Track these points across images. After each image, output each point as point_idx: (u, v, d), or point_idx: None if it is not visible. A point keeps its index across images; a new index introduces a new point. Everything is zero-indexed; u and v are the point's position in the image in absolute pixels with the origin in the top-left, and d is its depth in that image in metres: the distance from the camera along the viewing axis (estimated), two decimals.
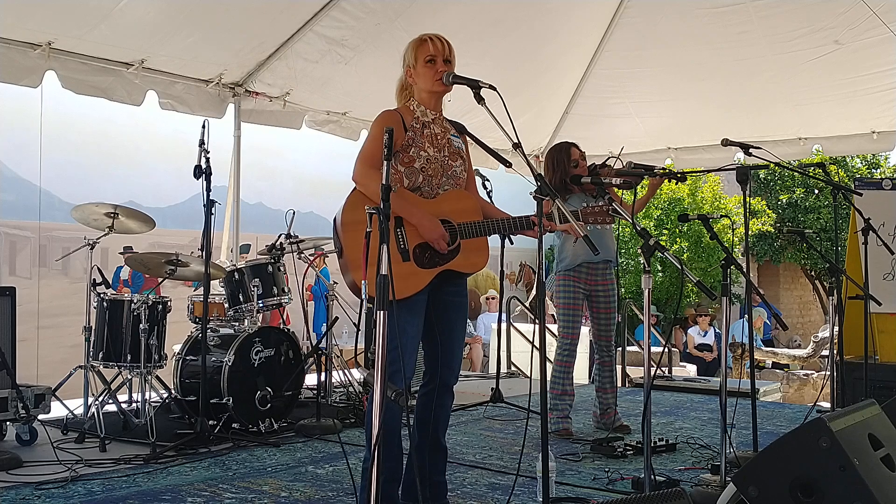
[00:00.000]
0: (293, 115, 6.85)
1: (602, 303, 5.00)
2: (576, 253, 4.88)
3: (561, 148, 5.01)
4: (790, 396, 9.91)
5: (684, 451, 4.54)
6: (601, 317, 5.03)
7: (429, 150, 3.08)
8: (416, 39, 3.14)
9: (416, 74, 3.11)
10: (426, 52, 3.08)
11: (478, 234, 3.08)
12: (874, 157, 15.72)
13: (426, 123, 3.13)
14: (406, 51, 3.15)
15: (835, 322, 5.05)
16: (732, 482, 2.66)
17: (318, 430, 4.79)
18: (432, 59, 3.08)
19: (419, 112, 3.14)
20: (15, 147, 7.30)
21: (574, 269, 4.92)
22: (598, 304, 5.01)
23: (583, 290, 4.96)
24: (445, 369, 3.13)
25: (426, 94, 3.14)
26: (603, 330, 5.05)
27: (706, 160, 8.18)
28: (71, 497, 3.47)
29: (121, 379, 4.98)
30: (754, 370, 4.64)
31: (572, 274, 4.92)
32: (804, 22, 6.51)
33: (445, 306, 3.11)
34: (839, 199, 4.87)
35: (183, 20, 5.55)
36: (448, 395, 3.19)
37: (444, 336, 3.11)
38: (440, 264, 3.02)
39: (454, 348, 3.18)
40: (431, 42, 3.10)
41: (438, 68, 3.07)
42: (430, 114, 3.15)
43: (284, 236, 5.53)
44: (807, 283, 18.10)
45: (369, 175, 2.93)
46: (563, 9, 6.91)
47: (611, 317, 5.03)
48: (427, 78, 3.09)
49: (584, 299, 4.99)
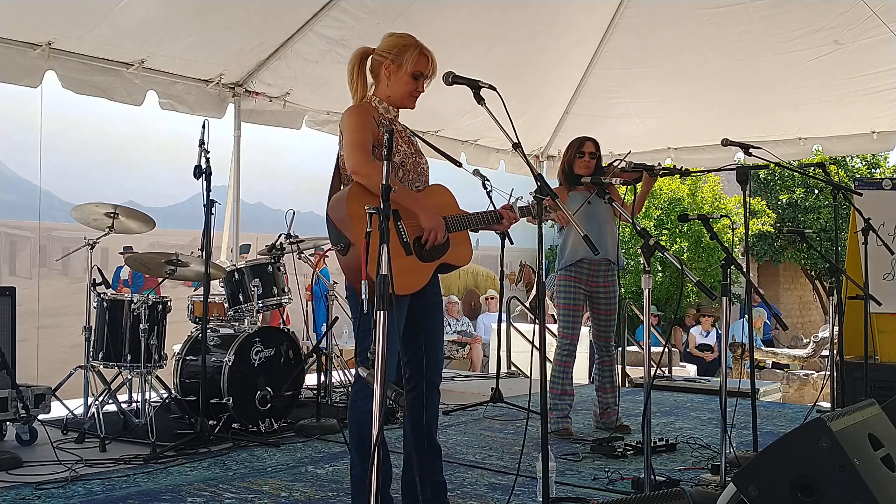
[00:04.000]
0: (293, 114, 6.85)
1: (603, 303, 5.00)
2: (575, 248, 4.89)
3: (576, 140, 5.04)
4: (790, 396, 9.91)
5: (684, 451, 4.54)
6: (601, 318, 5.03)
7: (402, 145, 3.03)
8: (418, 45, 3.03)
9: (397, 77, 3.00)
10: (422, 66, 3.01)
11: (462, 227, 3.06)
12: (874, 157, 15.71)
13: (391, 120, 3.06)
14: (400, 43, 3.03)
15: (835, 322, 5.05)
16: (732, 482, 2.66)
17: (318, 430, 4.79)
18: (420, 75, 3.01)
19: (382, 109, 3.04)
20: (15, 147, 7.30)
21: (574, 265, 4.91)
22: (598, 306, 5.01)
23: (584, 290, 4.95)
24: (431, 369, 3.10)
25: (395, 99, 3.05)
26: (603, 330, 5.05)
27: (706, 160, 8.18)
28: (71, 497, 3.47)
29: (121, 379, 4.98)
30: (754, 370, 4.64)
31: (573, 273, 4.92)
32: (804, 22, 6.51)
33: (426, 306, 3.07)
34: (839, 199, 4.87)
35: (183, 20, 5.55)
36: (435, 394, 3.15)
37: (428, 335, 3.08)
38: (436, 258, 2.99)
39: (438, 347, 3.16)
40: (429, 60, 3.03)
41: (419, 87, 3.03)
42: (392, 111, 3.08)
43: (284, 236, 5.52)
44: (807, 283, 18.09)
45: (371, 165, 2.83)
46: (563, 9, 6.90)
47: (611, 318, 5.03)
48: (406, 88, 3.02)
49: (584, 299, 4.99)
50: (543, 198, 2.71)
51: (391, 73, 3.02)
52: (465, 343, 10.09)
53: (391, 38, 3.06)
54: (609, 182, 4.20)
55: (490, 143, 8.31)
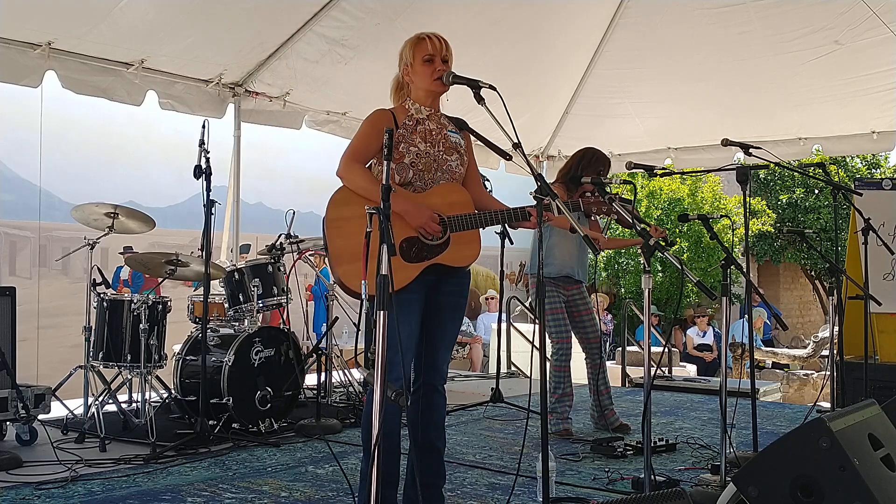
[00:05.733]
0: (293, 115, 6.85)
1: (581, 306, 5.04)
2: (563, 264, 4.92)
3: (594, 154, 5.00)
4: (790, 396, 9.92)
5: (684, 451, 4.54)
6: (585, 318, 5.04)
7: (420, 145, 3.03)
8: (413, 38, 3.10)
9: (414, 73, 3.07)
10: (424, 50, 3.04)
11: (469, 226, 2.98)
12: (874, 157, 15.72)
13: (420, 120, 3.08)
14: (403, 49, 3.12)
15: (835, 322, 5.05)
16: (732, 482, 2.66)
17: (318, 430, 4.79)
18: (430, 58, 3.04)
19: (413, 110, 3.10)
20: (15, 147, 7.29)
21: (553, 279, 4.94)
22: (578, 308, 5.04)
23: (563, 295, 4.99)
24: (430, 371, 3.07)
25: (423, 93, 3.10)
26: (591, 331, 5.04)
27: (706, 160, 8.18)
28: (71, 497, 3.47)
29: (121, 379, 4.98)
30: (754, 370, 4.63)
31: (552, 281, 4.94)
32: (804, 22, 6.51)
33: (439, 307, 3.04)
34: (839, 199, 4.86)
35: (183, 20, 5.55)
36: (436, 396, 3.11)
37: (431, 336, 3.05)
38: (428, 258, 2.95)
39: (440, 349, 3.10)
40: (429, 41, 3.05)
41: (437, 67, 3.03)
42: (424, 111, 3.10)
43: (284, 236, 5.52)
44: (807, 283, 18.10)
45: (351, 168, 2.96)
46: (564, 9, 6.90)
47: (593, 317, 5.07)
48: (425, 77, 3.05)
49: (562, 306, 5.00)
50: (543, 198, 2.70)
51: (409, 74, 3.11)
52: (465, 343, 10.10)
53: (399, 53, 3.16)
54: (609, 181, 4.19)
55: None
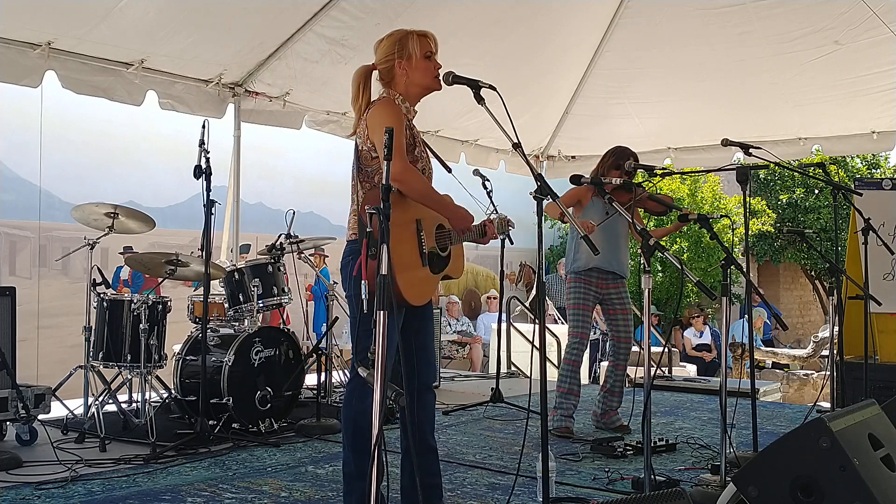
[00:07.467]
0: (293, 115, 6.84)
1: (617, 304, 5.03)
2: (588, 256, 4.88)
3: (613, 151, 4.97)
4: (790, 396, 9.91)
5: (684, 451, 4.54)
6: (619, 318, 5.04)
7: (425, 151, 3.04)
8: (415, 32, 3.03)
9: (413, 68, 2.99)
10: (427, 47, 3.01)
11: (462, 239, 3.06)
12: (874, 157, 15.72)
13: (410, 121, 3.04)
14: (397, 41, 3.02)
15: (835, 322, 5.05)
16: (732, 482, 2.66)
17: (318, 430, 4.79)
18: (431, 54, 3.02)
19: (404, 109, 3.02)
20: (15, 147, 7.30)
21: (585, 272, 4.94)
22: (613, 307, 5.03)
23: (594, 292, 4.98)
24: (425, 368, 3.08)
25: (418, 90, 3.03)
26: (623, 331, 5.05)
27: (706, 160, 8.18)
28: (71, 497, 3.47)
29: (121, 379, 4.98)
30: (754, 370, 4.63)
31: (583, 276, 4.95)
32: (804, 22, 6.51)
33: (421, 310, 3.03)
34: (839, 199, 4.86)
35: (183, 20, 5.54)
36: (429, 395, 3.12)
37: (420, 337, 3.06)
38: (441, 270, 3.01)
39: (431, 347, 3.13)
40: (430, 39, 3.04)
41: (436, 65, 3.01)
42: (412, 111, 3.06)
43: (284, 236, 5.52)
44: (807, 283, 18.09)
45: (413, 172, 2.85)
46: (564, 9, 6.90)
47: (628, 318, 5.05)
48: (426, 73, 2.99)
49: (595, 302, 5.01)
50: (543, 198, 2.70)
51: (407, 67, 3.00)
52: (465, 343, 10.10)
53: (386, 41, 3.06)
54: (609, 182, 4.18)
55: (490, 143, 8.31)
